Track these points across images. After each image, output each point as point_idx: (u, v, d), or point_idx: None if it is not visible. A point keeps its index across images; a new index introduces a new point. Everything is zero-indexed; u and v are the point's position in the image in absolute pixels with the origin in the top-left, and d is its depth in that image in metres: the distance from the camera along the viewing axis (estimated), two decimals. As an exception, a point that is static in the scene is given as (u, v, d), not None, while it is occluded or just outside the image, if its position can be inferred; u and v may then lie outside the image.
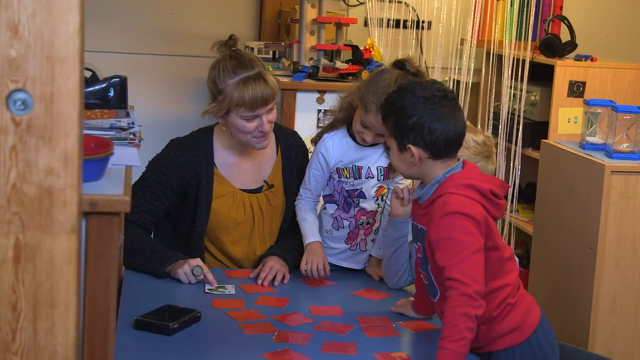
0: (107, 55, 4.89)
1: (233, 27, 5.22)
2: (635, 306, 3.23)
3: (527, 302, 2.47)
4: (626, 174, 3.17)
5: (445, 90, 2.38)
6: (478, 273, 2.26)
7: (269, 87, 2.85)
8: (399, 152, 2.39)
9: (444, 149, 2.35)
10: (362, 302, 2.79)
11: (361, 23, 4.79)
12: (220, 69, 2.87)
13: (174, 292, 2.73)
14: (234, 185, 2.99)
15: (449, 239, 2.27)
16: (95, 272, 1.81)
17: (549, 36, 4.60)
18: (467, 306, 2.21)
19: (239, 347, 2.37)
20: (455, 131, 2.35)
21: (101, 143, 2.02)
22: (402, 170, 2.45)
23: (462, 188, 2.31)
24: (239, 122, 2.87)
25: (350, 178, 2.93)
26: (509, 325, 2.41)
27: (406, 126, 2.34)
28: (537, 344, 2.44)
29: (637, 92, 4.45)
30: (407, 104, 2.34)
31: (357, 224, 2.98)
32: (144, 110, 3.98)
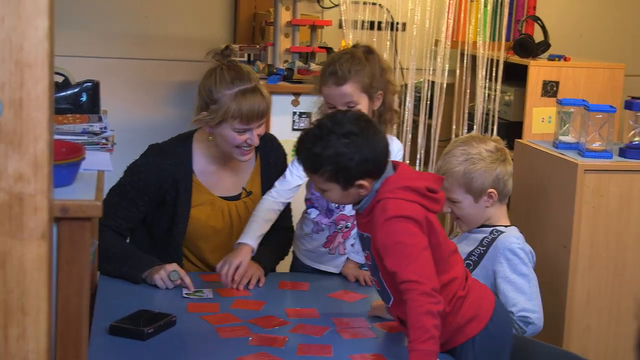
0: (80, 59, 4.87)
1: (208, 30, 5.22)
2: (609, 303, 3.25)
3: (478, 291, 2.47)
4: (599, 173, 3.19)
5: (359, 118, 2.36)
6: (430, 270, 2.27)
7: (265, 102, 2.84)
8: (343, 191, 2.35)
9: (382, 168, 2.35)
10: (339, 304, 2.79)
11: (336, 25, 4.79)
12: (217, 79, 2.83)
13: (149, 297, 2.72)
14: (213, 193, 2.98)
15: (395, 244, 2.27)
16: (68, 278, 1.81)
17: (523, 36, 4.62)
18: (427, 304, 2.21)
19: (215, 351, 2.37)
20: (385, 149, 2.36)
21: (72, 148, 2.01)
22: (346, 203, 2.46)
23: (398, 191, 2.31)
24: (229, 134, 2.84)
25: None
26: (464, 317, 2.41)
27: (350, 168, 2.30)
28: (494, 330, 2.45)
29: (610, 91, 4.48)
30: (339, 148, 2.29)
31: (337, 228, 2.98)
32: (118, 115, 3.97)
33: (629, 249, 3.24)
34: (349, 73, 2.82)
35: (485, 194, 2.82)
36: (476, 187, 2.81)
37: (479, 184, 2.81)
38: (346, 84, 2.83)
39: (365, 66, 2.85)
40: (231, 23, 5.25)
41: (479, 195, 2.82)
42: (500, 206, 2.88)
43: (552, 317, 3.26)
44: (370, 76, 2.85)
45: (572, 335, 3.24)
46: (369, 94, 2.86)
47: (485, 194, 2.82)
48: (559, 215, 3.26)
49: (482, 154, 2.82)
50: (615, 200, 3.21)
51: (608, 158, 3.25)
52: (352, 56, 2.87)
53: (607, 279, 3.24)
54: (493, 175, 2.82)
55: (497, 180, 2.82)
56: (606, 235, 3.22)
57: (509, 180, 2.86)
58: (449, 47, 4.70)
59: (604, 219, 3.21)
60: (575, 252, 3.19)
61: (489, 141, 2.89)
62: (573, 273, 3.19)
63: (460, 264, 2.46)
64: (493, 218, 2.86)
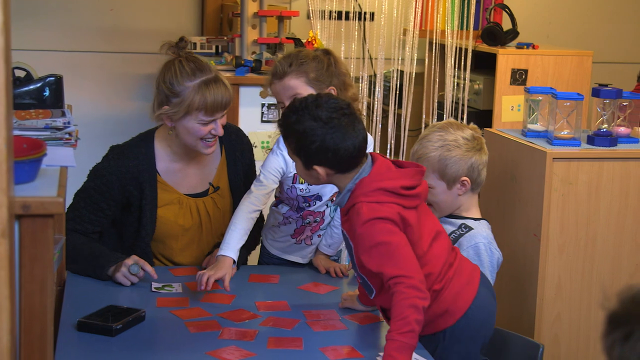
0: (44, 53, 4.84)
1: (175, 22, 5.19)
2: (579, 291, 3.26)
3: (458, 285, 2.45)
4: (567, 160, 3.19)
5: (342, 108, 2.35)
6: (414, 264, 2.28)
7: (228, 91, 2.81)
8: (304, 169, 2.39)
9: (349, 164, 2.35)
10: (309, 296, 2.78)
11: (303, 16, 4.77)
12: (176, 71, 2.78)
13: (118, 293, 2.70)
14: (179, 191, 2.94)
15: (376, 245, 2.28)
16: (31, 276, 1.78)
17: (491, 25, 4.63)
18: (414, 297, 2.21)
19: (184, 346, 2.35)
20: (358, 145, 2.34)
21: (34, 144, 1.98)
22: (309, 182, 2.47)
23: (372, 194, 2.31)
24: (194, 127, 2.79)
25: (305, 183, 2.88)
26: (437, 309, 2.41)
27: (310, 150, 2.32)
28: (467, 325, 2.45)
29: (578, 79, 4.50)
30: (307, 129, 2.32)
31: (304, 222, 2.97)
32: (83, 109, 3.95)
33: (598, 236, 3.25)
34: (289, 67, 2.80)
35: (458, 182, 2.82)
36: (450, 174, 2.81)
37: (453, 171, 2.80)
38: (286, 77, 2.80)
39: (311, 61, 2.81)
40: (198, 15, 5.22)
41: (452, 182, 2.82)
42: (472, 195, 2.87)
43: (524, 307, 3.27)
44: (315, 70, 2.81)
45: (544, 325, 3.25)
46: (316, 87, 2.80)
47: (459, 182, 2.82)
48: (528, 204, 3.26)
49: (459, 141, 2.81)
50: (584, 188, 3.22)
51: (576, 146, 3.25)
52: (297, 52, 2.86)
53: (577, 267, 3.25)
54: (468, 164, 2.81)
55: (471, 169, 2.82)
56: (576, 222, 3.23)
57: (484, 170, 2.86)
58: (417, 36, 4.69)
59: (573, 207, 3.21)
60: (545, 240, 3.19)
61: (466, 129, 2.88)
62: (543, 261, 3.20)
63: (439, 258, 2.43)
64: (464, 207, 2.86)
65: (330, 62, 2.86)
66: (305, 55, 2.83)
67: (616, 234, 3.27)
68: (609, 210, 3.25)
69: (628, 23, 5.75)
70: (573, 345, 3.30)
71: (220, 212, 2.99)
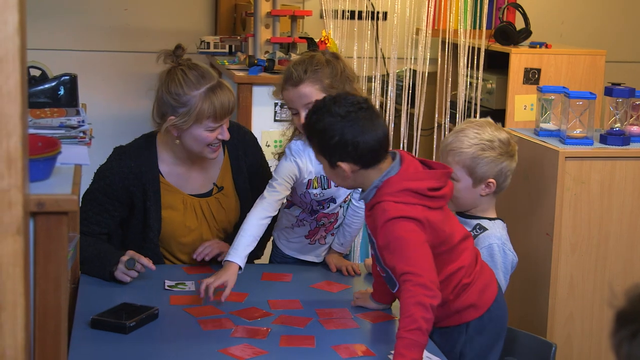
0: (59, 53, 4.86)
1: (188, 22, 5.21)
2: (592, 290, 3.26)
3: (485, 279, 2.51)
4: (580, 159, 3.19)
5: (360, 102, 2.37)
6: (428, 264, 2.28)
7: (232, 95, 2.81)
8: (330, 168, 2.41)
9: (372, 158, 2.37)
10: (321, 294, 2.78)
11: (316, 15, 4.78)
12: (180, 81, 2.76)
13: (131, 290, 2.71)
14: (183, 192, 2.93)
15: (394, 240, 2.30)
16: (45, 273, 1.79)
17: (504, 24, 4.63)
18: (420, 295, 2.22)
19: (197, 344, 2.37)
20: (378, 139, 2.36)
21: (48, 142, 2.00)
22: (338, 183, 2.48)
23: (399, 194, 2.33)
24: (201, 134, 2.78)
25: (318, 188, 2.87)
26: (464, 303, 2.47)
27: (330, 146, 2.36)
28: (490, 320, 2.51)
29: (591, 78, 4.49)
30: (326, 125, 2.35)
31: (318, 224, 2.97)
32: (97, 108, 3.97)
33: (610, 235, 3.25)
34: (304, 73, 2.75)
35: (484, 182, 2.81)
36: (479, 173, 2.80)
37: (483, 171, 2.80)
38: (302, 84, 2.75)
39: (324, 67, 2.76)
40: (212, 14, 5.24)
41: (479, 181, 2.81)
42: (492, 198, 2.86)
43: (536, 306, 3.27)
44: (330, 76, 2.76)
45: (556, 324, 3.25)
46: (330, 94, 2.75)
47: (485, 182, 2.81)
48: (541, 203, 3.26)
49: (495, 143, 2.80)
50: (596, 187, 3.21)
51: (589, 145, 3.25)
52: (310, 58, 2.80)
53: (590, 266, 3.25)
54: (498, 168, 2.81)
55: (500, 173, 2.81)
56: (588, 221, 3.22)
57: (510, 176, 2.86)
58: (430, 35, 4.69)
59: (585, 206, 3.21)
60: (557, 239, 3.19)
61: (502, 131, 2.87)
62: (556, 260, 3.20)
63: (468, 251, 2.48)
64: (481, 208, 2.85)
65: (342, 67, 2.83)
66: (318, 61, 2.79)
67: (629, 233, 3.27)
68: (622, 209, 3.24)
69: (641, 22, 5.73)
70: (585, 345, 3.29)
71: (225, 212, 2.99)
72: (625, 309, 1.17)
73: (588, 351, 3.30)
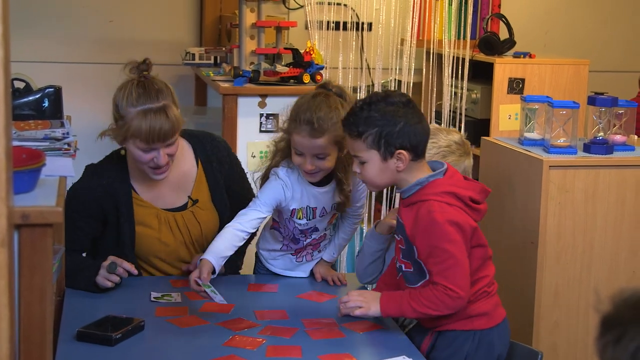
0: (43, 65, 4.85)
1: (174, 33, 5.21)
2: (577, 298, 3.27)
3: (498, 299, 2.62)
4: (564, 169, 3.21)
5: (408, 97, 2.51)
6: (464, 279, 2.42)
7: (169, 123, 2.73)
8: (382, 161, 2.45)
9: (424, 148, 2.48)
10: (308, 304, 2.79)
11: (301, 26, 4.79)
12: (125, 95, 2.75)
13: (117, 303, 2.70)
14: (156, 207, 2.91)
15: (435, 248, 2.41)
16: (30, 285, 1.79)
17: (488, 34, 4.65)
18: (443, 305, 2.42)
19: (184, 355, 2.36)
20: (429, 131, 2.50)
21: (33, 154, 2.00)
22: (378, 182, 2.50)
23: (445, 196, 2.43)
24: (135, 152, 2.77)
25: (304, 219, 2.86)
26: (480, 309, 2.53)
27: (393, 132, 2.41)
28: (497, 337, 2.56)
29: (575, 87, 4.51)
30: (388, 112, 2.42)
31: (305, 243, 2.96)
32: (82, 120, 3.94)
33: (595, 243, 3.27)
34: (326, 125, 2.66)
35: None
36: None
37: None
38: (322, 138, 2.68)
39: (341, 118, 2.62)
40: (197, 26, 5.24)
41: None
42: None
43: (522, 314, 3.28)
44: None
45: (542, 332, 3.26)
46: (340, 145, 2.72)
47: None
48: (525, 212, 3.28)
49: (452, 147, 2.85)
50: (580, 195, 3.23)
51: (572, 154, 3.27)
52: (328, 105, 2.70)
53: (575, 274, 3.26)
54: (461, 169, 2.85)
55: (464, 174, 2.83)
56: (572, 230, 3.24)
57: (470, 173, 2.91)
58: (414, 46, 4.71)
59: (570, 214, 3.23)
60: (542, 247, 3.20)
61: (453, 133, 2.93)
62: (540, 269, 3.21)
63: (493, 268, 2.60)
64: None
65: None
66: (337, 112, 2.68)
67: (613, 241, 3.28)
68: (606, 217, 3.26)
69: (624, 32, 5.77)
70: (571, 353, 3.31)
71: (200, 226, 2.96)
72: (610, 314, 1.18)
73: (574, 359, 3.31)
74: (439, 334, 2.54)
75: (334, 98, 2.73)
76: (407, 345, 2.47)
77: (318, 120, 2.66)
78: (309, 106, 2.70)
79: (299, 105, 2.73)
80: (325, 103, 2.70)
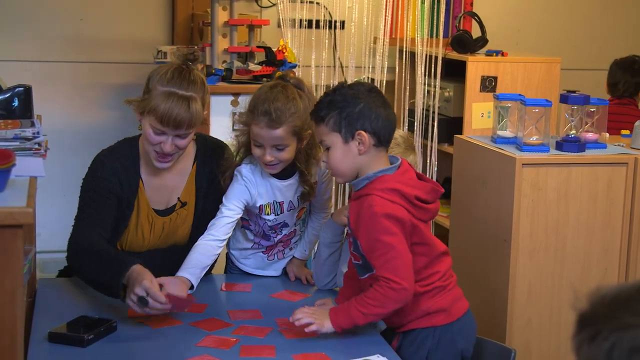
0: (13, 64, 4.81)
1: (145, 31, 5.17)
2: (550, 296, 3.29)
3: (458, 292, 2.61)
4: (536, 166, 3.22)
5: (377, 88, 2.57)
6: (406, 270, 2.42)
7: (188, 113, 2.71)
8: (344, 144, 2.47)
9: (386, 135, 2.49)
10: (281, 304, 2.78)
11: (274, 24, 4.78)
12: (161, 73, 2.75)
13: (89, 303, 2.68)
14: (151, 206, 2.88)
15: (376, 241, 2.42)
16: (0, 287, 1.77)
17: (460, 32, 4.66)
18: (388, 300, 2.40)
19: (156, 355, 2.35)
20: (393, 120, 2.52)
21: (2, 154, 1.97)
22: (342, 167, 2.50)
23: (388, 192, 2.43)
24: (147, 130, 2.76)
25: (272, 214, 2.87)
26: (437, 305, 2.53)
27: (353, 113, 2.45)
28: (458, 332, 2.56)
29: (547, 86, 4.53)
30: (349, 95, 2.47)
31: (276, 240, 2.96)
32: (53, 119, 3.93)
33: (567, 240, 3.28)
34: (284, 116, 2.71)
35: None
36: None
37: None
38: (280, 128, 2.71)
39: (299, 108, 2.72)
40: (169, 24, 5.21)
41: None
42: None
43: (495, 312, 3.29)
44: (302, 119, 2.73)
45: (515, 329, 3.27)
46: (299, 136, 2.75)
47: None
48: (498, 209, 3.28)
49: (398, 140, 2.85)
50: (553, 193, 3.24)
51: (545, 151, 3.28)
52: (286, 96, 2.74)
53: (548, 271, 3.28)
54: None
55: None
56: (545, 227, 3.25)
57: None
58: (387, 44, 4.71)
59: (542, 212, 3.24)
60: (515, 245, 3.21)
61: (397, 129, 2.92)
62: (514, 266, 3.22)
63: (446, 263, 2.58)
64: None
65: (309, 99, 2.80)
66: (295, 103, 2.73)
67: (585, 239, 3.30)
68: (578, 215, 3.28)
69: (595, 30, 5.81)
70: (544, 350, 3.32)
71: (179, 229, 2.93)
72: (586, 312, 1.18)
73: (547, 356, 3.32)
74: (404, 334, 2.56)
75: (292, 89, 2.78)
76: (381, 343, 2.48)
77: (275, 111, 2.70)
78: (266, 97, 2.74)
79: (257, 96, 2.77)
80: (283, 94, 2.74)
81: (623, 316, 1.13)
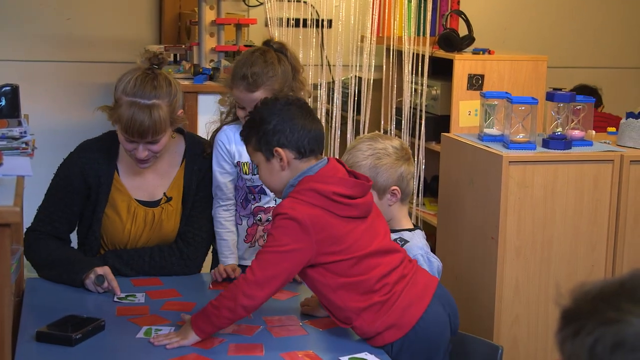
0: (1, 63, 4.80)
1: (133, 31, 5.17)
2: (537, 293, 3.30)
3: (408, 299, 2.46)
4: (523, 164, 3.23)
5: (299, 99, 2.54)
6: (272, 270, 2.34)
7: (151, 121, 2.72)
8: (266, 162, 2.46)
9: (307, 146, 2.44)
10: (269, 302, 2.74)
11: (261, 23, 4.78)
12: (125, 82, 2.77)
13: (77, 302, 2.69)
14: (132, 196, 2.92)
15: (269, 235, 2.40)
16: (-13, 286, 1.77)
17: (447, 31, 4.66)
18: (237, 290, 2.36)
19: (145, 355, 2.35)
20: (313, 130, 2.46)
21: (-11, 154, 1.97)
22: (273, 184, 2.50)
23: (304, 192, 2.38)
24: (121, 137, 2.80)
25: (250, 174, 2.95)
26: (384, 324, 2.43)
27: (268, 132, 2.42)
28: (416, 339, 2.46)
29: (533, 83, 4.54)
30: (262, 116, 2.46)
31: (255, 219, 2.98)
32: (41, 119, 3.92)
33: (554, 238, 3.30)
34: (260, 80, 2.85)
35: (388, 192, 2.82)
36: (380, 183, 2.80)
37: (384, 179, 2.80)
38: (257, 91, 2.85)
39: (278, 72, 2.87)
40: (156, 23, 5.21)
41: (383, 192, 2.81)
42: (402, 207, 2.86)
43: (482, 309, 3.30)
44: (282, 82, 2.87)
45: (502, 326, 3.28)
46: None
47: (389, 192, 2.82)
48: (485, 207, 3.30)
49: (388, 149, 2.82)
50: (539, 191, 3.26)
51: (532, 149, 3.29)
52: (264, 60, 2.88)
53: (534, 269, 3.29)
54: (398, 173, 2.82)
55: (401, 178, 2.83)
56: (532, 225, 3.26)
57: (411, 180, 2.88)
58: (375, 42, 4.72)
59: (529, 209, 3.25)
60: (502, 242, 3.23)
61: (394, 139, 2.92)
62: (501, 264, 3.23)
63: (380, 267, 2.44)
64: (395, 219, 2.84)
65: (291, 63, 2.94)
66: (272, 66, 2.87)
67: (572, 236, 3.32)
68: (564, 212, 3.29)
69: (581, 28, 5.83)
70: (532, 347, 3.33)
71: (165, 224, 2.95)
72: (569, 308, 1.19)
73: (534, 353, 3.34)
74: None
75: (272, 53, 2.91)
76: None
77: (252, 75, 2.85)
78: (245, 62, 2.89)
79: (238, 61, 2.95)
80: (262, 58, 2.88)
81: (606, 311, 1.14)
